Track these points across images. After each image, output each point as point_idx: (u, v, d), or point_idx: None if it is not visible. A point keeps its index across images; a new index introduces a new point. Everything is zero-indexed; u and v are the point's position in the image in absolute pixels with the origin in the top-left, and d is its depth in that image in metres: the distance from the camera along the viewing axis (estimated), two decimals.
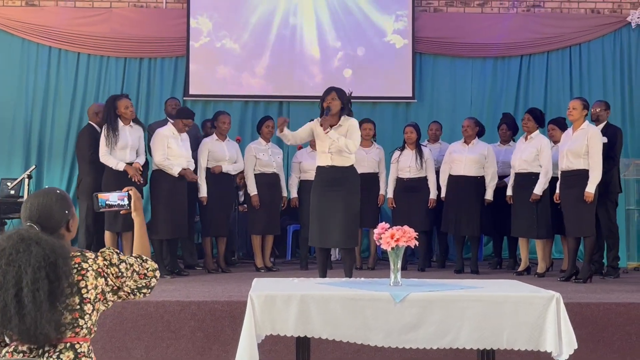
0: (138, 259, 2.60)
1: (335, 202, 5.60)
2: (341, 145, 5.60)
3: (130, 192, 2.79)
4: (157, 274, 2.62)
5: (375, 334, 3.28)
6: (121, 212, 2.82)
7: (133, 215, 2.78)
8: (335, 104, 5.67)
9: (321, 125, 5.67)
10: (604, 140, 6.57)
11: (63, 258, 2.30)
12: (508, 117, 7.93)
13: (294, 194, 7.58)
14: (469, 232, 7.28)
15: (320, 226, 5.66)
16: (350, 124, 5.70)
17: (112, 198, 2.80)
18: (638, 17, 9.14)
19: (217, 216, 7.05)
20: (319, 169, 5.80)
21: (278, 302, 3.27)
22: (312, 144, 7.40)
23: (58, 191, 2.53)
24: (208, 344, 4.78)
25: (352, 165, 5.77)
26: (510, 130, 7.80)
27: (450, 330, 3.28)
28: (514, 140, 7.77)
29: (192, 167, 6.82)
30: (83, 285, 2.37)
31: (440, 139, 8.11)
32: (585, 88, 9.08)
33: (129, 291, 2.54)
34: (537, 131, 7.05)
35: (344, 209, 5.59)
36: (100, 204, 2.79)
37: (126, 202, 2.79)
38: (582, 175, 6.33)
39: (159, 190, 6.65)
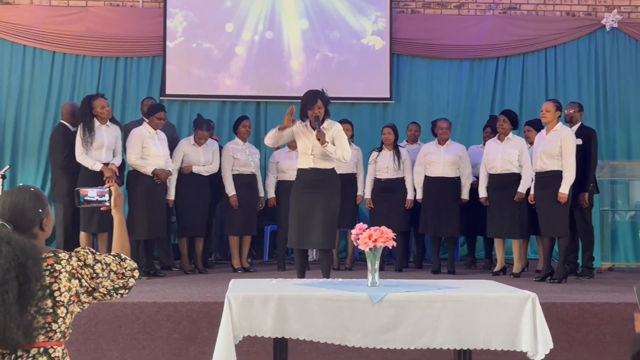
0: (116, 258, 2.51)
1: (315, 204, 5.58)
2: (338, 157, 5.59)
3: (111, 188, 2.73)
4: (136, 273, 2.54)
5: (352, 335, 3.28)
6: (101, 208, 2.75)
7: (113, 212, 2.69)
8: (322, 112, 5.64)
9: (318, 139, 5.54)
10: (579, 142, 6.64)
11: (33, 259, 2.23)
12: (494, 120, 7.98)
13: (271, 194, 7.56)
14: (449, 232, 7.31)
15: (300, 227, 5.63)
16: (335, 129, 5.65)
17: (92, 194, 2.73)
18: (612, 20, 9.25)
19: (194, 217, 7.02)
20: (300, 171, 5.72)
21: (255, 303, 3.25)
22: (290, 144, 7.40)
23: (32, 189, 2.45)
24: (185, 346, 4.75)
25: (333, 167, 5.76)
26: (494, 133, 7.86)
27: (427, 331, 3.29)
28: None
29: (170, 167, 6.80)
30: (56, 288, 2.30)
31: (419, 140, 8.13)
32: (560, 90, 9.18)
33: (105, 292, 2.45)
34: (511, 133, 7.10)
35: (324, 211, 5.58)
36: (80, 200, 2.74)
37: (106, 197, 2.72)
38: (556, 176, 6.39)
39: (136, 190, 6.61)
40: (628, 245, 8.87)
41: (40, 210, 2.42)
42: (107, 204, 2.72)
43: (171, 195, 6.96)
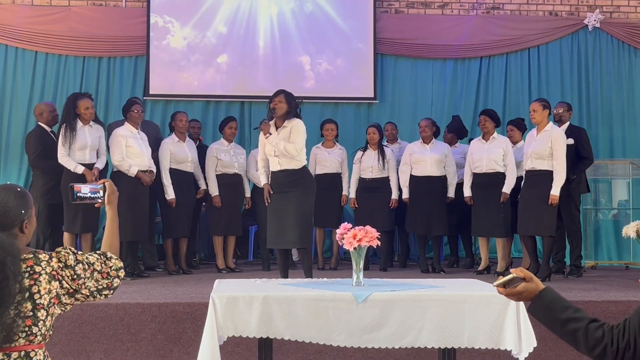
0: (101, 257, 2.44)
1: (288, 203, 5.62)
2: (280, 150, 5.62)
3: (105, 184, 2.70)
4: (121, 273, 2.48)
5: (337, 335, 3.28)
6: (95, 205, 2.73)
7: (107, 209, 2.65)
8: (280, 107, 5.68)
9: (261, 130, 5.70)
10: (570, 142, 6.68)
11: (12, 256, 2.16)
12: (454, 122, 8.09)
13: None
14: (439, 231, 7.32)
15: (276, 228, 5.67)
16: (293, 124, 5.69)
17: (85, 190, 2.71)
18: (595, 20, 9.31)
19: (179, 217, 6.99)
20: (272, 174, 5.79)
21: (240, 303, 3.24)
22: None
23: (19, 189, 2.38)
24: (169, 346, 4.73)
25: (304, 166, 5.77)
26: (456, 135, 7.99)
27: (411, 330, 3.29)
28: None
29: (153, 166, 6.76)
30: (35, 291, 2.24)
31: (399, 139, 8.13)
32: (543, 89, 9.23)
33: (88, 293, 2.38)
34: (496, 132, 7.13)
35: (297, 210, 5.61)
36: (74, 196, 2.71)
37: (100, 194, 2.70)
38: (544, 176, 6.40)
39: (119, 192, 6.54)
40: (611, 243, 8.93)
41: (23, 212, 2.35)
42: (100, 200, 2.70)
43: (170, 194, 6.90)
